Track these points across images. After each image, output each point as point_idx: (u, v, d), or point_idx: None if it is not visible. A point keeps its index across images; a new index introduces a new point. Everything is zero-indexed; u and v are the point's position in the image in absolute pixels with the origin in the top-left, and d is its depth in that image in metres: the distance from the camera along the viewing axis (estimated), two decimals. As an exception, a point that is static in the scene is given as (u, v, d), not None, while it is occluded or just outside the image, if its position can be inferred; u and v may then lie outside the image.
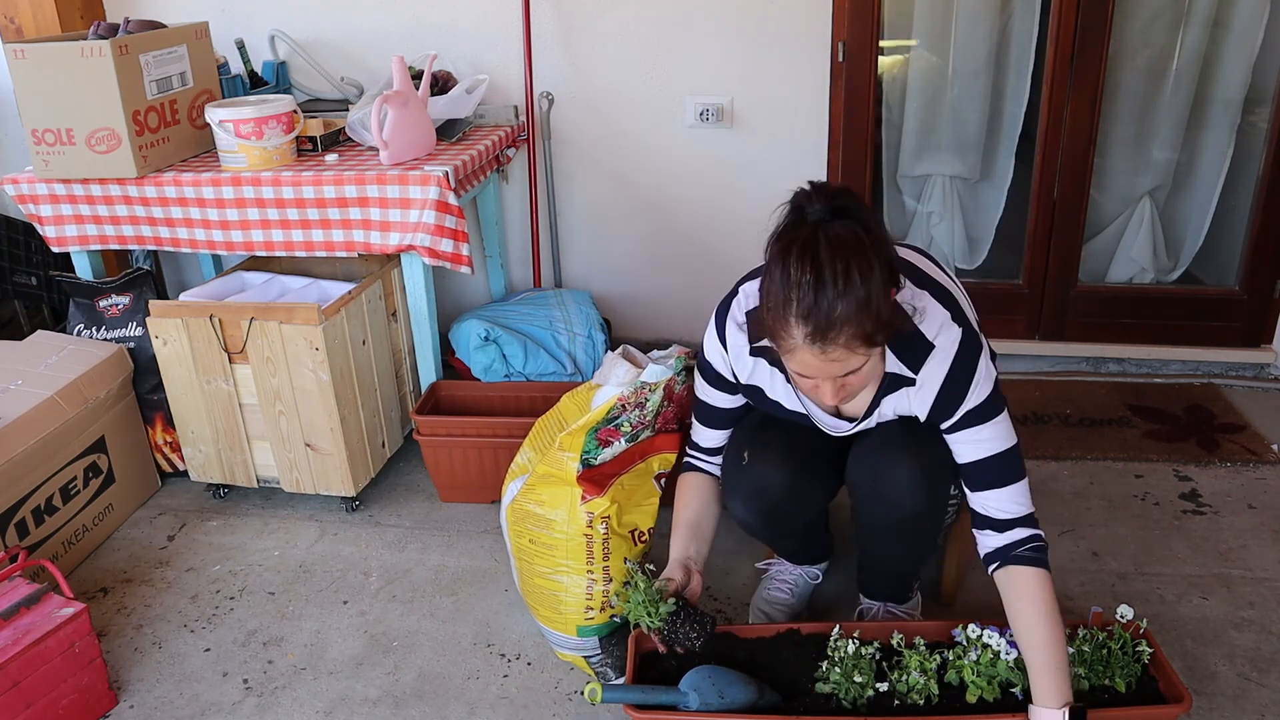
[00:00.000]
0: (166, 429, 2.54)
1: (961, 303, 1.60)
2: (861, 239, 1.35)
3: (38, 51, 2.31)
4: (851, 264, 1.33)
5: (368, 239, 2.43)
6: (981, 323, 1.68)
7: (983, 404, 1.56)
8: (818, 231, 1.35)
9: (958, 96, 2.94)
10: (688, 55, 2.88)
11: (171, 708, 1.89)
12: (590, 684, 1.58)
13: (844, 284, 1.33)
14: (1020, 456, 1.61)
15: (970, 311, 1.62)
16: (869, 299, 1.35)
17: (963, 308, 1.59)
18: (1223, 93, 2.83)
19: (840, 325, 1.35)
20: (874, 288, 1.35)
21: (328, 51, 2.99)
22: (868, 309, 1.35)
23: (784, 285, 1.36)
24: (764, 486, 1.75)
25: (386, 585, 2.22)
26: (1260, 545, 2.23)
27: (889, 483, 1.66)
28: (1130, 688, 1.63)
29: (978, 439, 1.58)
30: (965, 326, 1.56)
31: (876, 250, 1.36)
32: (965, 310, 1.60)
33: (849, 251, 1.34)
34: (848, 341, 1.37)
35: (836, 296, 1.33)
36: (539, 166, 3.03)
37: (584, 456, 1.85)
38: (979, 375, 1.55)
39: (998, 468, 1.59)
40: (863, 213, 1.38)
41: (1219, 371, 3.00)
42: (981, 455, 1.59)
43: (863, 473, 1.71)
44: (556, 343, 2.69)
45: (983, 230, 3.11)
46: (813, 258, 1.34)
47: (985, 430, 1.57)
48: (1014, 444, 1.60)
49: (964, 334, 1.55)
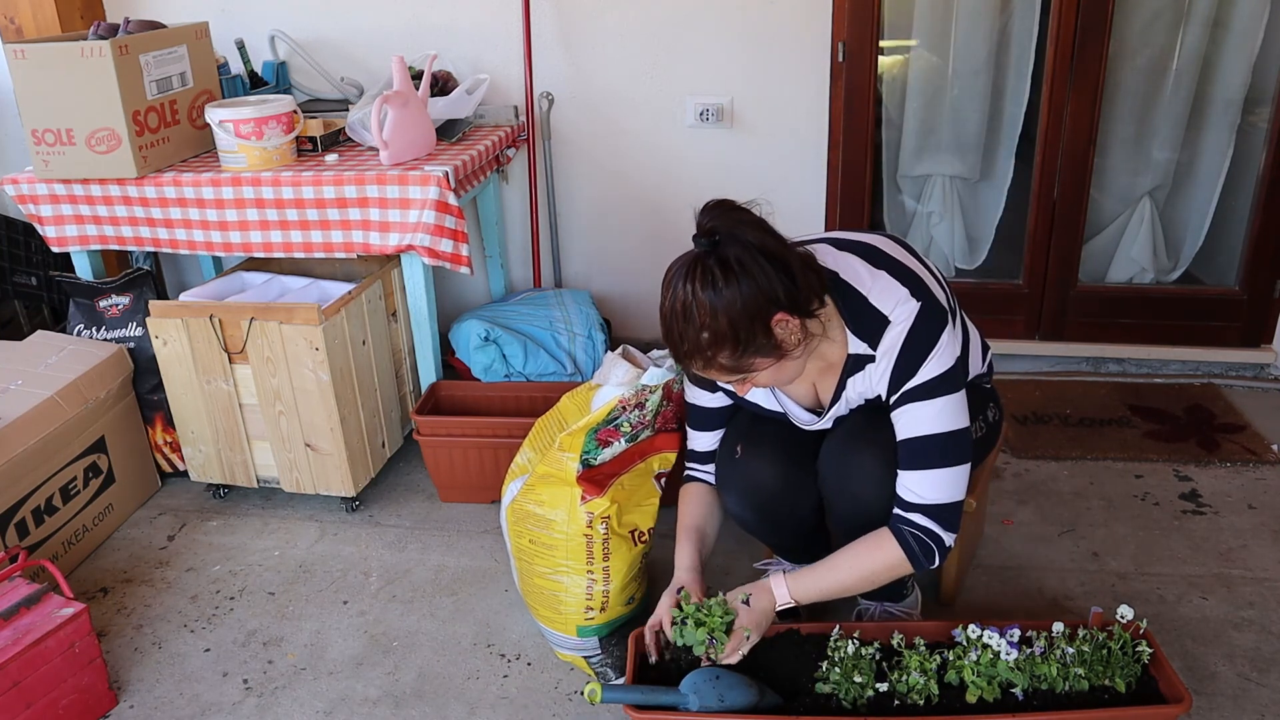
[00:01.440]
0: (166, 429, 2.54)
1: (928, 282, 1.58)
2: (720, 279, 1.41)
3: (38, 51, 2.31)
4: (696, 306, 1.41)
5: (367, 239, 2.43)
6: (972, 320, 1.67)
7: (939, 378, 1.53)
8: (685, 265, 1.43)
9: (958, 96, 2.94)
10: (688, 55, 2.88)
11: (171, 708, 1.89)
12: (590, 684, 1.58)
13: (687, 325, 1.43)
14: (966, 442, 1.57)
15: (940, 294, 1.59)
16: (711, 341, 1.43)
17: (927, 286, 1.57)
18: (1223, 93, 2.83)
19: (689, 357, 1.48)
20: (716, 329, 1.42)
21: (328, 51, 2.99)
22: (711, 349, 1.44)
23: (661, 310, 1.48)
24: (758, 481, 1.76)
25: (386, 585, 2.22)
26: (1260, 545, 2.23)
27: (855, 477, 1.67)
28: (1130, 688, 1.62)
29: (924, 413, 1.54)
30: (925, 300, 1.54)
31: (740, 288, 1.41)
32: (930, 288, 1.57)
33: (699, 291, 1.41)
34: (701, 369, 1.49)
35: (682, 334, 1.45)
36: (539, 166, 3.03)
37: (584, 457, 1.85)
38: (939, 347, 1.52)
39: (936, 447, 1.55)
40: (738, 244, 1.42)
41: (1219, 371, 3.00)
42: (923, 432, 1.55)
43: (830, 466, 1.72)
44: (556, 343, 2.69)
45: (983, 230, 3.11)
46: (672, 292, 1.44)
47: (934, 405, 1.54)
48: (962, 427, 1.56)
49: (923, 306, 1.53)
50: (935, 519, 1.57)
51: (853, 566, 1.63)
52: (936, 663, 1.65)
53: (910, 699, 1.62)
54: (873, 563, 1.61)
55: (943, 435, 1.55)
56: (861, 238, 1.65)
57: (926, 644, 1.69)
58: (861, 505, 1.68)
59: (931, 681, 1.62)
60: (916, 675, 1.62)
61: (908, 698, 1.62)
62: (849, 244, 1.63)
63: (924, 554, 1.58)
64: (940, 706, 1.61)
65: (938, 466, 1.56)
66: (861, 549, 1.63)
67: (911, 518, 1.58)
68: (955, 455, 1.56)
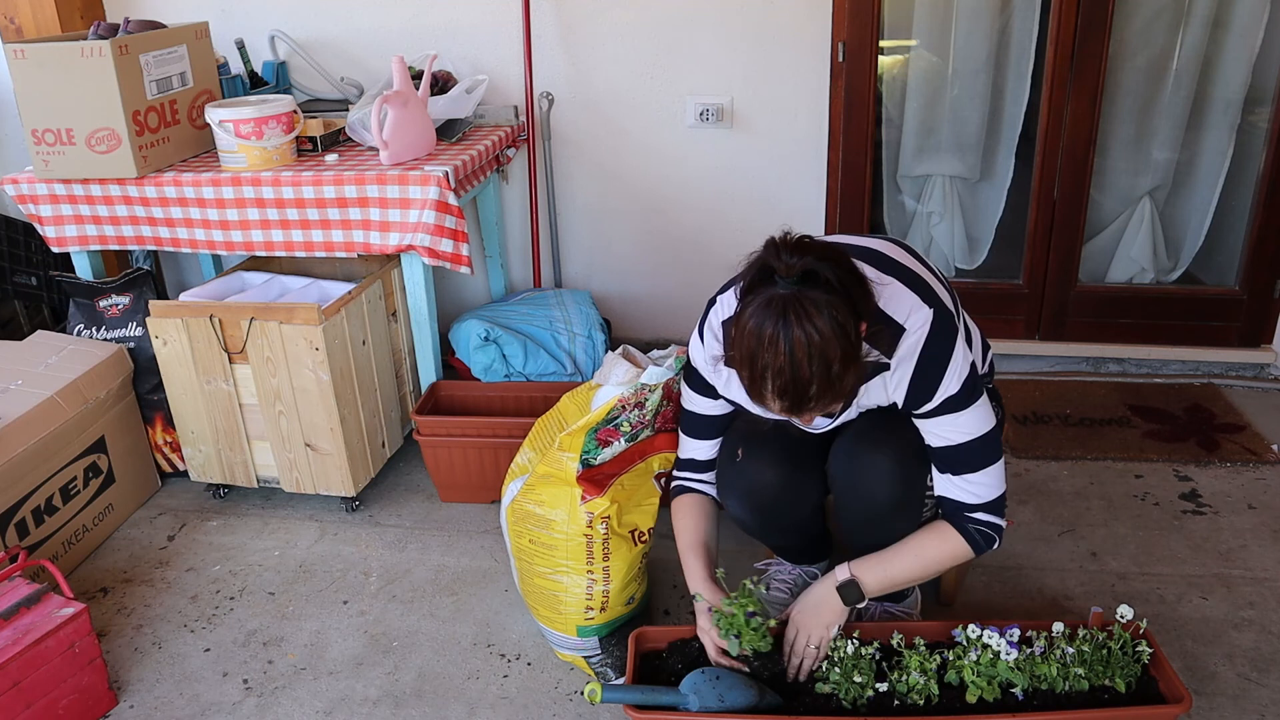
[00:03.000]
0: (166, 429, 2.54)
1: (935, 288, 1.59)
2: (832, 314, 1.35)
3: (38, 51, 2.31)
4: (825, 343, 1.34)
5: (368, 239, 2.43)
6: (973, 319, 1.67)
7: (961, 390, 1.55)
8: (788, 307, 1.34)
9: (958, 96, 2.94)
10: (688, 55, 2.88)
11: (171, 708, 1.89)
12: (590, 684, 1.58)
13: (817, 370, 1.36)
14: (996, 440, 1.62)
15: (947, 299, 1.61)
16: (840, 378, 1.38)
17: (936, 292, 1.58)
18: (1223, 93, 2.83)
19: (816, 400, 1.40)
20: (846, 359, 1.37)
21: (328, 51, 2.99)
22: (838, 387, 1.39)
23: (758, 362, 1.38)
24: (758, 483, 1.76)
25: (386, 585, 2.22)
26: (1260, 545, 2.23)
27: (865, 476, 1.67)
28: (1130, 688, 1.63)
29: (955, 425, 1.58)
30: (937, 307, 1.54)
31: (846, 316, 1.37)
32: (939, 294, 1.58)
33: (818, 329, 1.34)
34: (822, 408, 1.43)
35: (810, 378, 1.37)
36: (539, 166, 3.03)
37: (584, 456, 1.85)
38: (956, 357, 1.54)
39: (970, 455, 1.59)
40: (830, 272, 1.37)
41: (1219, 371, 3.00)
42: (955, 442, 1.59)
43: (840, 466, 1.72)
44: (556, 343, 2.69)
45: (983, 230, 3.11)
46: (787, 343, 1.34)
47: (963, 417, 1.57)
48: (992, 427, 1.60)
49: (936, 313, 1.54)
50: (992, 512, 1.63)
51: (919, 556, 1.66)
52: (936, 663, 1.65)
53: (910, 699, 1.62)
54: (940, 553, 1.65)
55: (977, 440, 1.59)
56: (865, 243, 1.64)
57: (926, 644, 1.69)
58: (873, 504, 1.68)
59: (931, 681, 1.62)
60: (916, 675, 1.63)
61: (908, 698, 1.62)
62: (854, 249, 1.59)
63: (986, 542, 1.64)
64: (940, 706, 1.62)
65: (980, 469, 1.60)
66: (926, 540, 1.66)
67: (973, 515, 1.63)
68: (991, 455, 1.61)
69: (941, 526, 1.66)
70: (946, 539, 1.65)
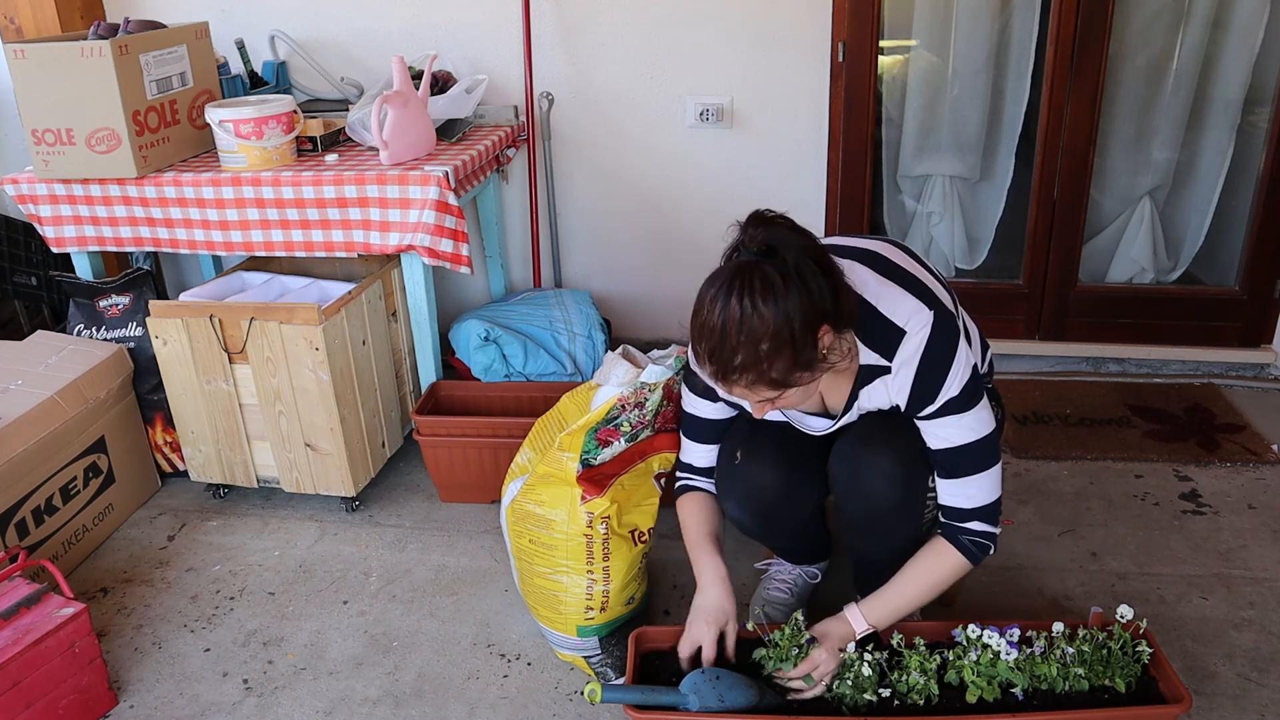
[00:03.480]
0: (166, 429, 2.54)
1: (936, 291, 1.58)
2: (781, 287, 1.35)
3: (38, 51, 2.31)
4: (757, 317, 1.35)
5: (368, 239, 2.43)
6: (972, 319, 1.67)
7: (963, 392, 1.54)
8: (737, 275, 1.37)
9: (958, 96, 2.94)
10: (688, 55, 2.88)
11: (171, 708, 1.89)
12: (590, 684, 1.58)
13: (744, 336, 1.36)
14: (996, 442, 1.61)
15: (948, 300, 1.60)
16: (768, 359, 1.37)
17: (936, 294, 1.57)
18: (1223, 93, 2.83)
19: (740, 371, 1.39)
20: (779, 340, 1.36)
21: (328, 51, 2.99)
22: (767, 361, 1.38)
23: (698, 321, 1.41)
24: (757, 486, 1.76)
25: (386, 585, 2.22)
26: (1260, 545, 2.23)
27: (867, 476, 1.66)
28: (1130, 688, 1.63)
29: (957, 426, 1.57)
30: (938, 309, 1.54)
31: (799, 297, 1.36)
32: (940, 296, 1.58)
33: (760, 301, 1.35)
34: (749, 384, 1.42)
35: (736, 347, 1.37)
36: (539, 166, 3.03)
37: (584, 456, 1.84)
38: (958, 360, 1.53)
39: (971, 456, 1.59)
40: (795, 251, 1.37)
41: (1219, 371, 3.00)
42: (957, 443, 1.58)
43: (841, 467, 1.71)
44: (556, 343, 2.69)
45: (983, 230, 3.11)
46: (724, 303, 1.36)
47: (965, 419, 1.56)
48: (991, 430, 1.59)
49: (936, 316, 1.53)
50: (984, 520, 1.62)
51: (921, 582, 1.66)
52: (936, 663, 1.65)
53: (910, 699, 1.62)
54: (939, 574, 1.66)
55: (977, 443, 1.58)
56: (863, 244, 1.63)
57: (926, 644, 1.69)
58: (874, 505, 1.68)
59: (931, 681, 1.62)
60: (916, 675, 1.63)
61: (908, 698, 1.62)
62: (852, 251, 1.60)
63: (981, 552, 1.64)
64: (940, 706, 1.62)
65: (977, 472, 1.60)
66: (925, 564, 1.66)
67: (965, 525, 1.63)
68: (990, 458, 1.60)
69: (937, 545, 1.66)
70: (943, 558, 1.65)
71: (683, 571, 2.18)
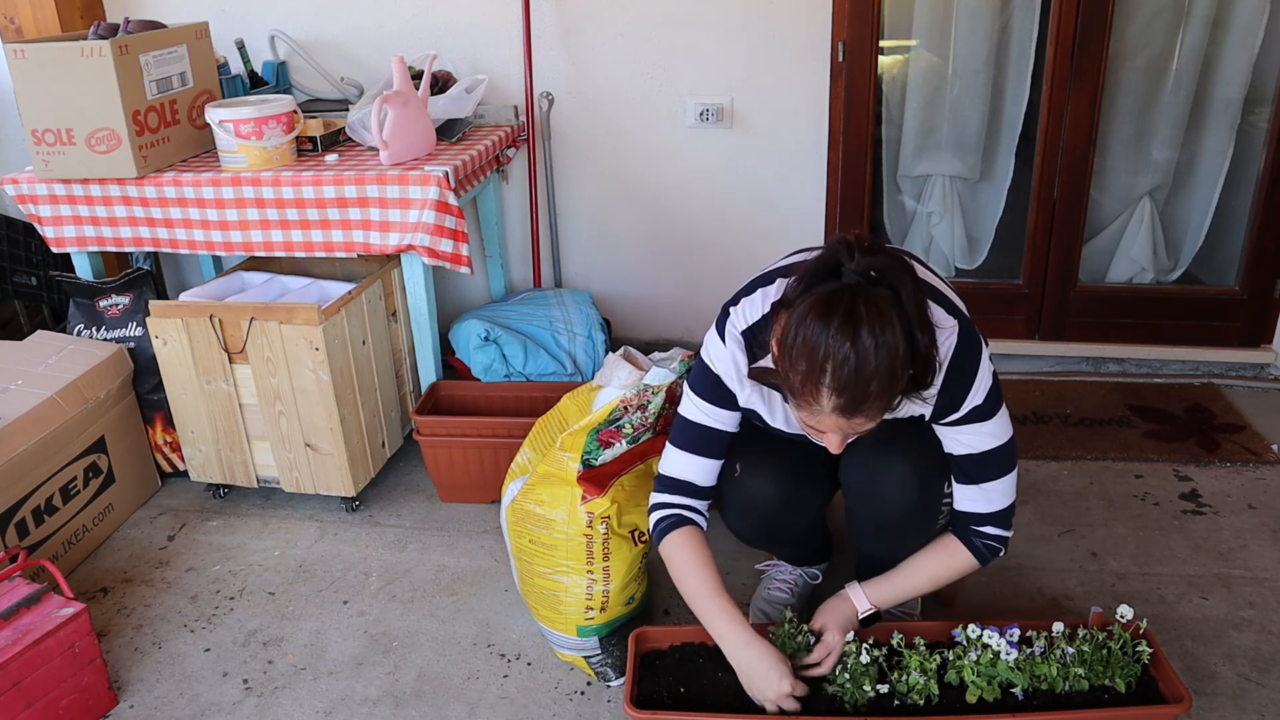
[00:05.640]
0: (166, 429, 2.54)
1: (954, 300, 1.59)
2: (900, 311, 1.32)
3: (38, 51, 2.31)
4: (891, 343, 1.30)
5: (367, 239, 2.43)
6: (979, 323, 1.66)
7: (986, 399, 1.55)
8: (857, 298, 1.30)
9: (958, 96, 2.94)
10: (688, 55, 2.88)
11: (171, 708, 1.89)
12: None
13: (883, 364, 1.30)
14: (1014, 449, 1.61)
15: (964, 309, 1.60)
16: (900, 374, 1.33)
17: (956, 303, 1.58)
18: (1223, 92, 2.83)
19: (872, 399, 1.33)
20: (904, 362, 1.33)
21: (328, 51, 2.99)
22: (896, 384, 1.34)
23: (819, 352, 1.31)
24: (757, 499, 1.75)
25: (386, 585, 2.22)
26: (1260, 545, 2.23)
27: (883, 482, 1.66)
28: (1130, 688, 1.63)
29: (979, 433, 1.58)
30: (960, 318, 1.54)
31: (913, 318, 1.33)
32: (960, 306, 1.58)
33: (887, 325, 1.30)
34: (873, 414, 1.37)
35: (872, 375, 1.30)
36: (539, 166, 3.03)
37: (585, 457, 1.84)
38: (981, 368, 1.54)
39: (993, 462, 1.59)
40: (900, 276, 1.34)
41: (1219, 371, 3.00)
42: (979, 450, 1.59)
43: (856, 473, 1.71)
44: (556, 343, 2.69)
45: (983, 230, 3.11)
46: (853, 329, 1.29)
47: (987, 426, 1.57)
48: (1010, 436, 1.60)
49: (961, 326, 1.53)
50: (999, 524, 1.64)
51: (928, 573, 1.69)
52: (936, 663, 1.65)
53: (910, 699, 1.62)
54: (947, 569, 1.68)
55: (998, 449, 1.59)
56: None
57: (926, 644, 1.69)
58: (890, 512, 1.68)
59: (931, 681, 1.62)
60: (916, 675, 1.63)
61: (908, 698, 1.62)
62: None
63: (991, 554, 1.66)
64: (940, 706, 1.62)
65: (995, 478, 1.61)
66: (934, 557, 1.69)
67: (980, 529, 1.64)
68: (1009, 464, 1.61)
69: (948, 542, 1.67)
70: (953, 554, 1.67)
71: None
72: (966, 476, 1.62)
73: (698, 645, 1.76)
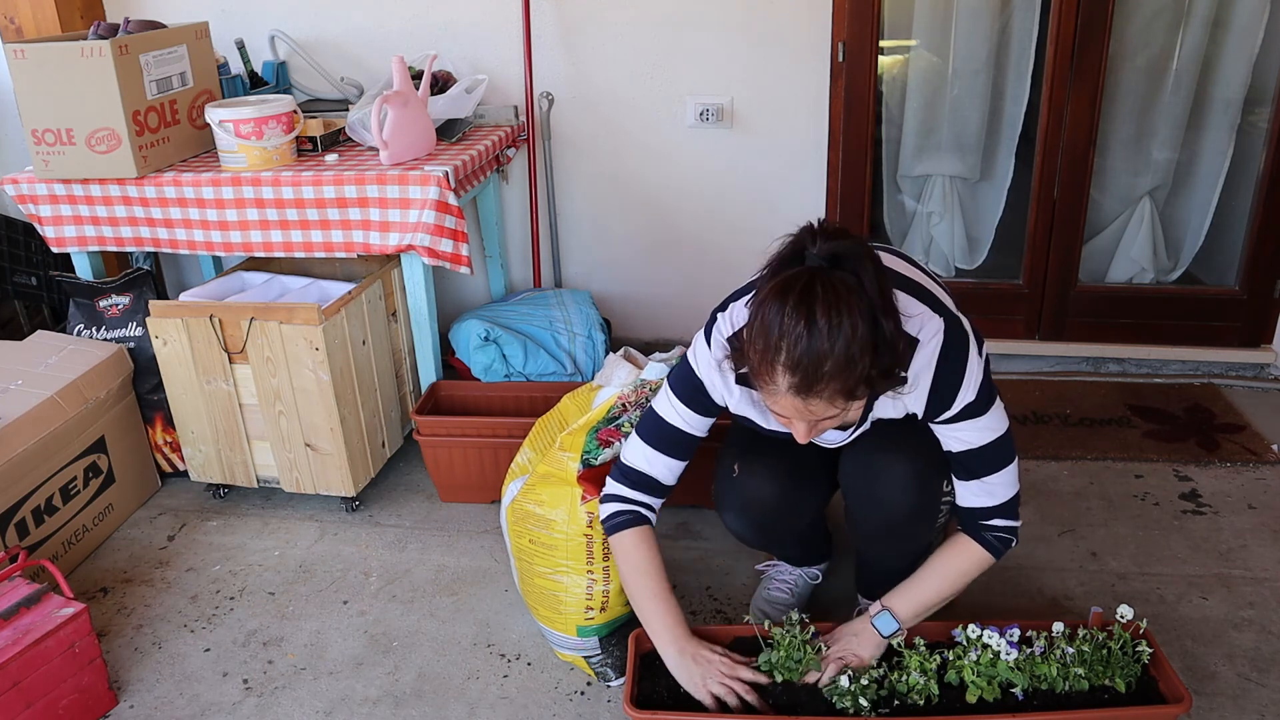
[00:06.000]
0: (166, 429, 2.54)
1: (941, 297, 1.58)
2: (857, 291, 1.32)
3: (38, 51, 2.31)
4: (845, 320, 1.31)
5: (367, 239, 2.43)
6: (972, 320, 1.67)
7: (978, 396, 1.55)
8: (815, 279, 1.32)
9: (958, 96, 2.94)
10: (688, 55, 2.88)
11: (171, 708, 1.89)
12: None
13: (838, 345, 1.31)
14: (1011, 439, 1.61)
15: (952, 305, 1.60)
16: (856, 356, 1.33)
17: (942, 300, 1.57)
18: (1223, 93, 2.83)
19: (826, 380, 1.34)
20: (862, 354, 1.33)
21: (328, 51, 2.99)
22: (853, 367, 1.34)
23: (775, 330, 1.33)
24: (755, 499, 1.75)
25: (386, 585, 2.22)
26: (1260, 545, 2.23)
27: (882, 483, 1.66)
28: (1130, 688, 1.63)
29: (975, 429, 1.57)
30: (946, 316, 1.53)
31: (873, 303, 1.34)
32: (946, 302, 1.58)
33: (844, 305, 1.31)
34: (830, 396, 1.37)
35: (826, 355, 1.31)
36: (539, 166, 3.03)
37: (584, 456, 1.84)
38: (970, 364, 1.53)
39: (992, 455, 1.59)
40: (862, 262, 1.35)
41: (1219, 371, 3.00)
42: (977, 444, 1.59)
43: (855, 474, 1.71)
44: (556, 343, 2.69)
45: (983, 230, 3.11)
46: (808, 308, 1.31)
47: (982, 421, 1.57)
48: (1006, 428, 1.60)
49: (946, 323, 1.52)
50: (1006, 516, 1.63)
51: (946, 577, 1.67)
52: (936, 663, 1.65)
53: (910, 699, 1.62)
54: (964, 568, 1.67)
55: (995, 442, 1.59)
56: None
57: (926, 644, 1.69)
58: (890, 513, 1.68)
59: (931, 681, 1.62)
60: (916, 675, 1.62)
61: (908, 698, 1.62)
62: None
63: (1004, 546, 1.65)
64: (940, 706, 1.61)
65: (996, 471, 1.61)
66: (949, 559, 1.67)
67: (989, 523, 1.64)
68: (1008, 455, 1.61)
69: (960, 541, 1.67)
70: (968, 553, 1.66)
71: (682, 571, 2.19)
72: (968, 472, 1.62)
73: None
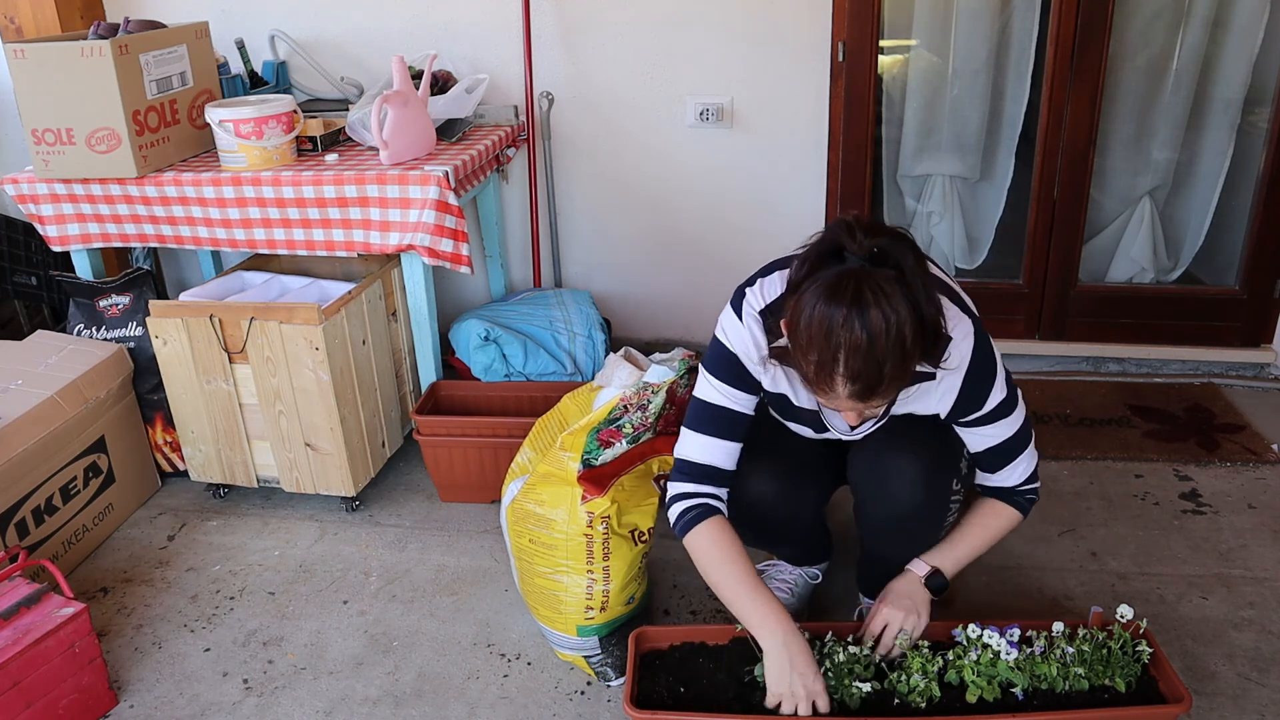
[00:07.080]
0: (166, 429, 2.54)
1: (964, 296, 1.60)
2: (906, 292, 1.31)
3: (38, 51, 2.31)
4: (900, 324, 1.30)
5: (368, 239, 2.43)
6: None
7: (1008, 394, 1.59)
8: (863, 285, 1.30)
9: (958, 96, 2.94)
10: (688, 55, 2.88)
11: (171, 708, 1.89)
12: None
13: (894, 347, 1.30)
14: (1029, 421, 1.67)
15: (973, 306, 1.62)
16: (912, 360, 1.34)
17: (966, 300, 1.59)
18: (1223, 92, 2.83)
19: (888, 382, 1.34)
20: (914, 340, 1.33)
21: (328, 51, 2.99)
22: (910, 363, 1.35)
23: (830, 342, 1.31)
24: (756, 498, 1.75)
25: (386, 585, 2.22)
26: (1260, 545, 2.23)
27: (892, 480, 1.66)
28: (1130, 688, 1.62)
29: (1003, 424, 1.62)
30: (973, 317, 1.56)
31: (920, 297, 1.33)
32: (968, 303, 1.60)
33: (895, 307, 1.30)
34: (888, 393, 1.38)
35: (885, 358, 1.31)
36: (539, 166, 3.03)
37: (585, 457, 1.84)
38: (998, 364, 1.58)
39: (1014, 445, 1.65)
40: (903, 252, 1.34)
41: (1219, 371, 3.00)
42: (1002, 439, 1.64)
43: (864, 471, 1.71)
44: (556, 343, 2.69)
45: (983, 230, 3.11)
46: (861, 316, 1.29)
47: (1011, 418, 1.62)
48: (1026, 414, 1.65)
49: (975, 325, 1.55)
50: (1032, 481, 1.72)
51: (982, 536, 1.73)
52: (939, 665, 1.65)
53: (911, 699, 1.62)
54: (997, 527, 1.73)
55: (1018, 431, 1.65)
56: None
57: (927, 644, 1.69)
58: (899, 510, 1.68)
59: (932, 683, 1.62)
60: (917, 676, 1.62)
61: (908, 698, 1.62)
62: None
63: (1030, 504, 1.74)
64: (940, 706, 1.61)
65: (1020, 453, 1.67)
66: (982, 518, 1.73)
67: (1021, 489, 1.71)
68: (1028, 436, 1.69)
69: (989, 502, 1.73)
70: (998, 512, 1.72)
71: (682, 571, 2.19)
72: (994, 467, 1.67)
73: (698, 645, 1.76)
